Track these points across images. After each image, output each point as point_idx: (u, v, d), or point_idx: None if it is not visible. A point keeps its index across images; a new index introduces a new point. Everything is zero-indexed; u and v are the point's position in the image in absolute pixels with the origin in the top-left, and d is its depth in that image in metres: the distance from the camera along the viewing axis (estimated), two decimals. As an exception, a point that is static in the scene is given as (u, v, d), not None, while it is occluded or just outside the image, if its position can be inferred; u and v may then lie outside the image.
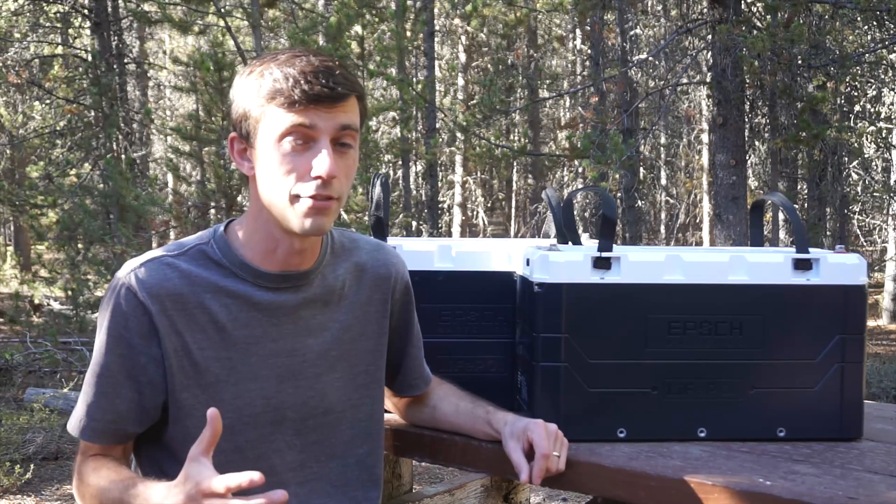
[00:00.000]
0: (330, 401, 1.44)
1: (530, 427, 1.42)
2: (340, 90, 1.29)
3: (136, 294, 1.32)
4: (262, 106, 1.30)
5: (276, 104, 1.29)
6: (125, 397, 1.34)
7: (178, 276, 1.34)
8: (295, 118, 1.28)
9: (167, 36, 17.63)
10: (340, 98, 1.29)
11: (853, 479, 1.34)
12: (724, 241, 7.25)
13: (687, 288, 1.53)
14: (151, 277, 1.33)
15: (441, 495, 1.98)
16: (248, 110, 1.32)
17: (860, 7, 6.75)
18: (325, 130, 1.29)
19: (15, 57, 12.11)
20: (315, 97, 1.28)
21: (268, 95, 1.29)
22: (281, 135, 1.29)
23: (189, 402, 1.34)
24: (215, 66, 7.88)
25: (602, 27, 11.75)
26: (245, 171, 1.37)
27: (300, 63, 1.29)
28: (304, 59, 1.30)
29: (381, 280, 1.50)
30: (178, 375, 1.34)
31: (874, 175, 13.14)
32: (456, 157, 14.93)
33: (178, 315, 1.33)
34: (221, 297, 1.35)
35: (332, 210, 1.31)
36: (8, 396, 6.63)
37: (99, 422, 1.35)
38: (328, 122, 1.29)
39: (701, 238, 17.18)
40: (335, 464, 1.46)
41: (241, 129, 1.34)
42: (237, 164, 1.38)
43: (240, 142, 1.36)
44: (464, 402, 1.57)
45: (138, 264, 1.35)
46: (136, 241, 7.74)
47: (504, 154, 9.34)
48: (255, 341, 1.37)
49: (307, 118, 1.28)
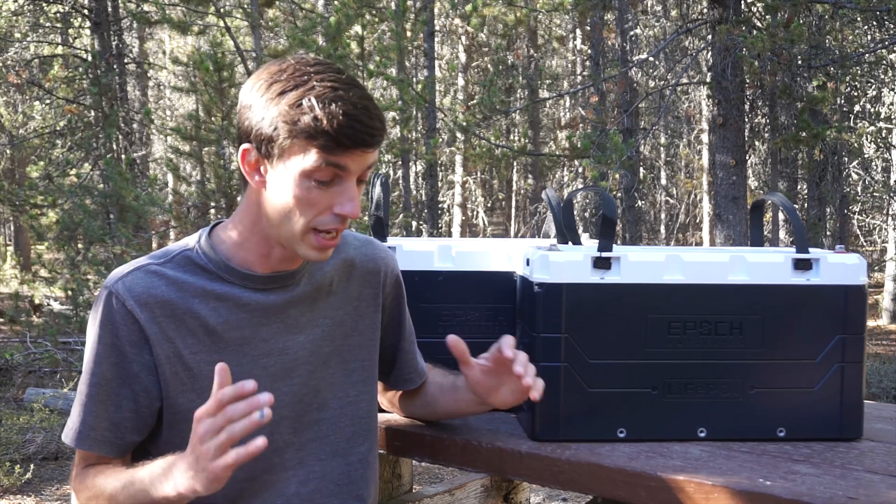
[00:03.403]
0: (324, 396, 1.44)
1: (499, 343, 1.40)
2: (378, 138, 1.26)
3: (124, 303, 1.32)
4: (295, 138, 1.25)
5: (313, 144, 1.24)
6: (121, 406, 1.34)
7: (166, 284, 1.34)
8: (331, 159, 1.25)
9: (167, 36, 17.63)
10: (378, 144, 1.28)
11: (853, 480, 1.34)
12: (724, 241, 7.25)
13: (687, 288, 1.53)
14: (139, 286, 1.33)
15: (441, 495, 1.98)
16: (273, 135, 1.26)
17: (860, 7, 6.75)
18: (356, 172, 1.28)
19: (15, 57, 12.11)
20: (356, 144, 1.25)
21: (305, 132, 1.24)
22: (311, 172, 1.26)
23: (185, 407, 1.34)
24: (215, 66, 7.88)
25: (602, 27, 11.74)
26: (253, 183, 1.33)
27: (342, 104, 1.23)
28: (343, 95, 1.24)
29: (371, 275, 1.50)
30: (172, 381, 1.34)
31: (874, 175, 13.14)
32: (456, 157, 14.93)
33: (168, 321, 1.33)
34: (209, 300, 1.35)
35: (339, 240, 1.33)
36: (8, 396, 6.63)
37: (96, 430, 1.34)
38: (361, 164, 1.28)
39: (701, 238, 17.18)
40: (337, 462, 1.46)
41: (261, 147, 1.29)
42: (246, 174, 1.33)
43: (254, 154, 1.31)
44: (446, 381, 1.57)
45: (125, 273, 1.35)
46: (136, 241, 7.73)
47: (504, 154, 9.33)
48: (246, 342, 1.37)
49: (343, 160, 1.26)
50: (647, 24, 13.29)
